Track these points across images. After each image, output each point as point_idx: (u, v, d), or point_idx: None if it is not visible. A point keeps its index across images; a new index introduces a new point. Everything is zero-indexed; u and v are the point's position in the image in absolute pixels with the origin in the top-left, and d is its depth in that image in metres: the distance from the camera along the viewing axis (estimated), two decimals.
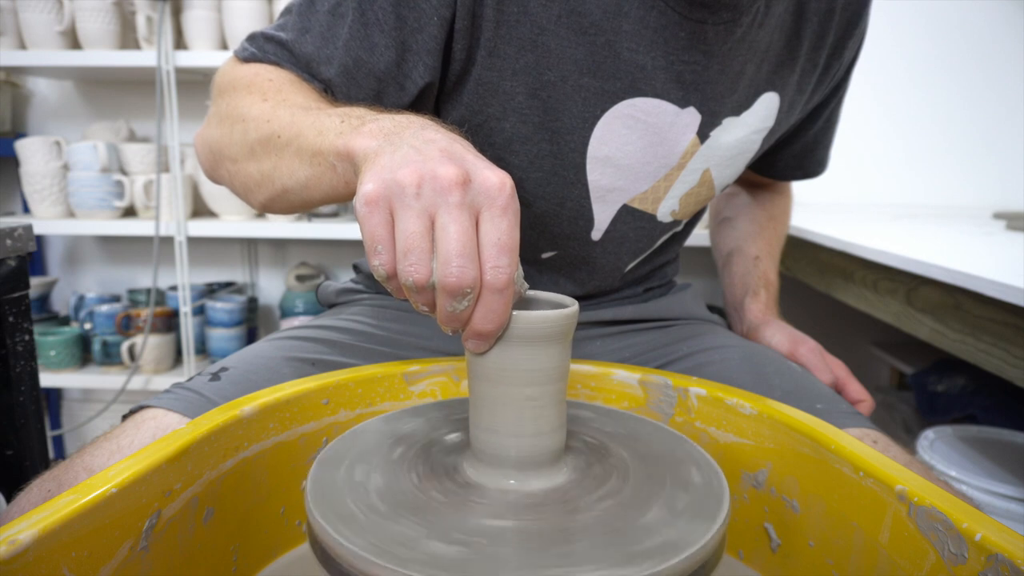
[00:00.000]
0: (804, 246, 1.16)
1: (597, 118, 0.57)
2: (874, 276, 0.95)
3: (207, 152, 0.57)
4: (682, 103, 0.59)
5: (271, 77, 0.54)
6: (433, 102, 0.58)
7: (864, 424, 0.54)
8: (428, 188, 0.34)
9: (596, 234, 0.64)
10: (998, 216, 1.32)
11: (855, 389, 0.65)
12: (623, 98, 0.57)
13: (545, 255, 0.66)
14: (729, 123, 0.62)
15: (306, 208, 0.51)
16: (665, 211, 0.65)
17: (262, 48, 0.56)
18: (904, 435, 1.29)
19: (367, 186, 0.35)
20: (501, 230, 0.34)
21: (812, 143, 0.77)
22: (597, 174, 0.60)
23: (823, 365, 0.67)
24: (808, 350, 0.68)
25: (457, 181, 0.34)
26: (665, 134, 0.59)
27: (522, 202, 0.61)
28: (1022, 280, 0.63)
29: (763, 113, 0.63)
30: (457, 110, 0.58)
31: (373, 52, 0.53)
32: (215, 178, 0.58)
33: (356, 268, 0.80)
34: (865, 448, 0.40)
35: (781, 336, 0.71)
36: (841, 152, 1.66)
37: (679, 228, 0.70)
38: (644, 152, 0.60)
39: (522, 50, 0.54)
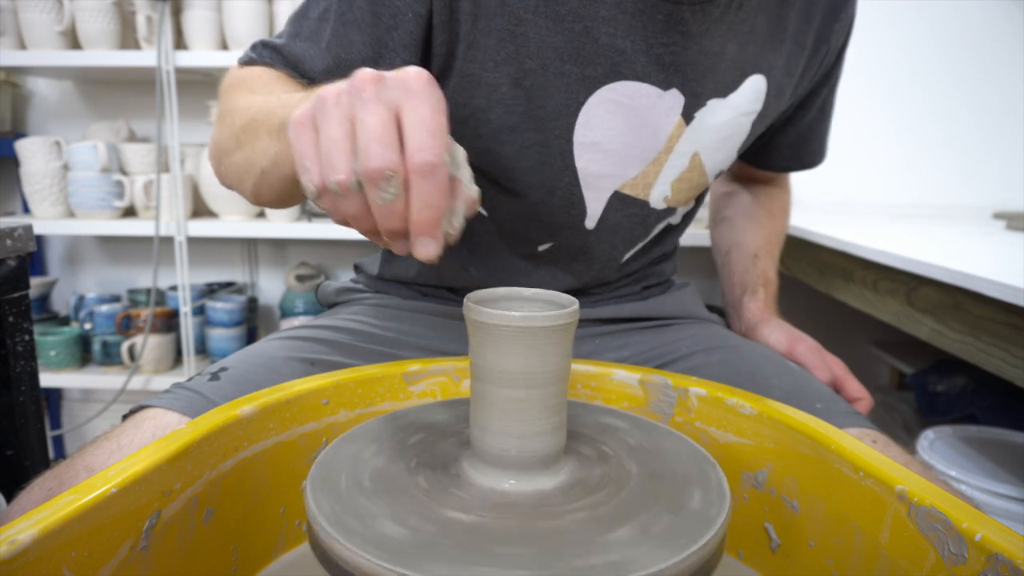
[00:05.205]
0: (804, 246, 1.16)
1: (580, 104, 0.58)
2: (874, 276, 0.95)
3: (212, 154, 0.59)
4: (664, 85, 0.59)
5: (261, 75, 0.57)
6: None
7: (863, 424, 0.54)
8: (345, 94, 0.35)
9: (590, 223, 0.65)
10: (998, 216, 1.32)
11: (854, 387, 0.65)
12: (605, 83, 0.57)
13: (541, 247, 0.67)
14: (715, 105, 0.62)
15: (287, 191, 0.51)
16: (657, 197, 0.65)
17: (260, 53, 0.60)
18: (904, 435, 1.29)
19: (295, 112, 0.36)
20: (422, 114, 0.34)
21: (807, 132, 0.76)
22: (585, 160, 0.61)
23: (821, 363, 0.67)
24: (806, 348, 0.68)
25: (371, 78, 0.35)
26: (649, 117, 0.60)
27: (514, 193, 0.62)
28: (1022, 280, 0.63)
29: (750, 95, 0.63)
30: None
31: (351, 50, 0.55)
32: (220, 178, 0.60)
33: (357, 268, 0.81)
34: (865, 448, 0.40)
35: (779, 335, 0.71)
36: (841, 152, 1.66)
37: (674, 217, 0.70)
38: (629, 136, 0.60)
39: (502, 41, 0.55)
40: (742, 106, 0.63)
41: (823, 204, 1.61)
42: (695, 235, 1.37)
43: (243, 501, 0.44)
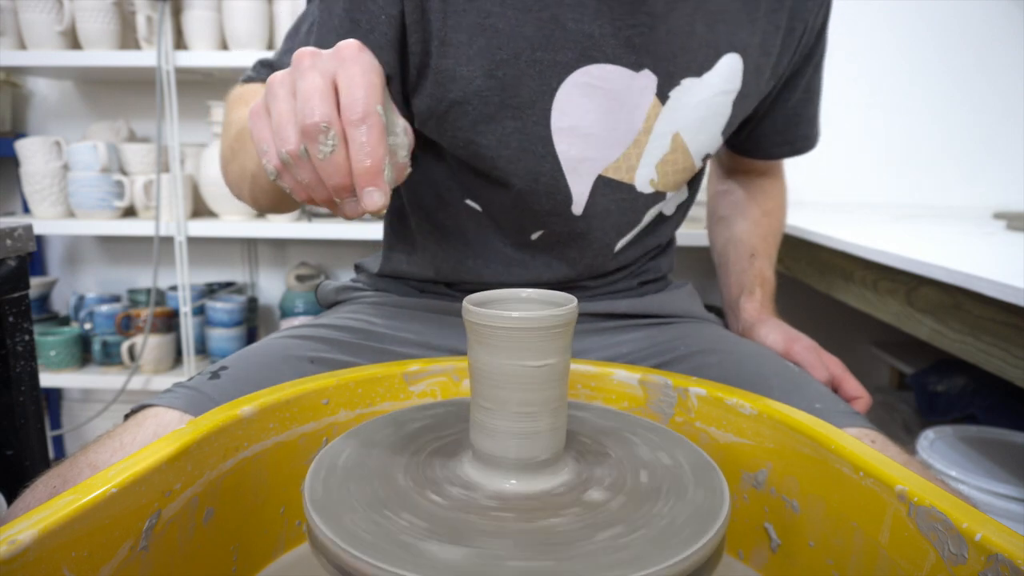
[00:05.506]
0: (804, 246, 1.16)
1: (555, 90, 0.59)
2: (874, 276, 0.95)
3: (220, 166, 0.63)
4: (636, 66, 0.60)
5: (257, 90, 0.61)
6: (401, 97, 0.62)
7: (862, 424, 0.54)
8: (287, 74, 0.38)
9: (577, 208, 0.65)
10: (998, 216, 1.32)
11: (852, 386, 0.65)
12: (577, 67, 0.59)
13: (534, 236, 0.68)
14: (690, 84, 0.63)
15: (278, 193, 0.54)
16: (643, 180, 0.66)
17: (258, 71, 0.64)
18: (904, 435, 1.29)
19: (251, 106, 0.39)
20: (352, 74, 0.36)
21: (794, 116, 0.76)
22: (565, 145, 0.62)
23: (819, 363, 0.67)
24: (803, 348, 0.68)
25: (308, 54, 0.38)
26: (624, 98, 0.61)
27: (499, 182, 0.64)
28: (1022, 280, 0.63)
29: (726, 74, 0.64)
30: (424, 101, 0.61)
31: None
32: (228, 188, 0.64)
33: (358, 268, 0.81)
34: (865, 448, 0.40)
35: (776, 335, 0.71)
36: (841, 152, 1.67)
37: (665, 205, 0.71)
38: (606, 118, 0.61)
39: (473, 36, 0.57)
40: (718, 85, 0.64)
41: (823, 204, 1.61)
42: (694, 235, 1.37)
43: (243, 501, 0.44)
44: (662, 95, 0.62)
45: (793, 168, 0.86)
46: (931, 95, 1.62)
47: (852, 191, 1.66)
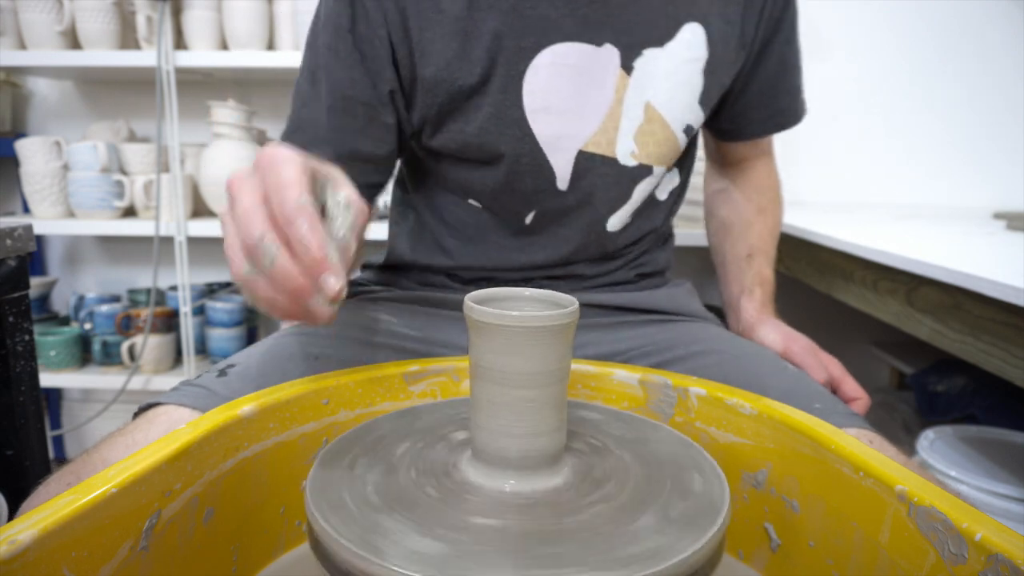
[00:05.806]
0: (804, 246, 1.16)
1: (522, 73, 0.63)
2: (874, 276, 0.95)
3: None
4: (597, 41, 0.63)
5: None
6: (405, 109, 0.66)
7: (860, 425, 0.54)
8: (228, 207, 0.39)
9: (562, 184, 0.67)
10: (998, 216, 1.32)
11: (851, 387, 0.65)
12: (539, 49, 0.62)
13: (528, 219, 0.70)
14: (653, 54, 0.65)
15: None
16: (624, 152, 0.67)
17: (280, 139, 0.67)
18: (904, 435, 1.29)
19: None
20: (274, 176, 0.37)
21: (770, 89, 0.75)
22: (540, 125, 0.64)
23: (817, 363, 0.67)
24: (801, 348, 0.68)
25: (234, 181, 0.39)
26: (591, 73, 0.64)
27: (488, 163, 0.67)
28: (1022, 280, 0.63)
29: (690, 42, 0.65)
30: (418, 111, 0.65)
31: (354, 86, 0.63)
32: None
33: (363, 266, 0.82)
34: (865, 448, 0.40)
35: (775, 335, 0.71)
36: (841, 152, 1.66)
37: (655, 183, 0.71)
38: (577, 94, 0.64)
39: (447, 43, 0.62)
40: (682, 53, 0.65)
41: (823, 204, 1.61)
42: (693, 235, 1.37)
43: (243, 501, 0.44)
44: (627, 66, 0.64)
45: (793, 168, 0.86)
46: (931, 95, 1.62)
47: (852, 191, 1.66)
